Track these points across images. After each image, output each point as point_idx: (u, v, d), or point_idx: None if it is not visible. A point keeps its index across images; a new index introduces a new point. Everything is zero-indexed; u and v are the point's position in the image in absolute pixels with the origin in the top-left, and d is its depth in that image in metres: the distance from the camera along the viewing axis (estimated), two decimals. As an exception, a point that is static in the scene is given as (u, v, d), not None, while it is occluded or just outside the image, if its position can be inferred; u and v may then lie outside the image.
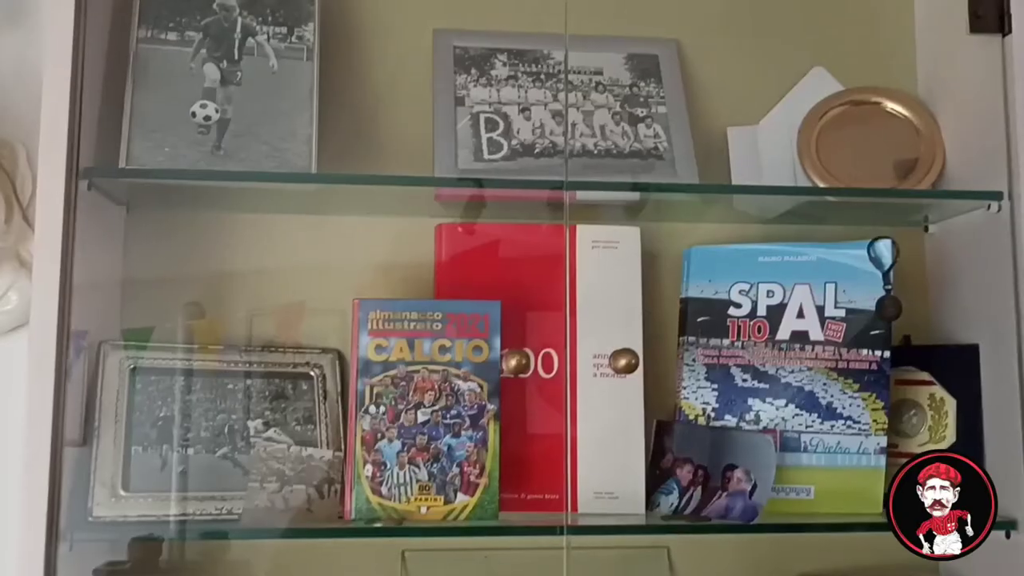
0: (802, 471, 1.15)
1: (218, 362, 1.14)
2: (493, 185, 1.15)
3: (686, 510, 1.13)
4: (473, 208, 1.22)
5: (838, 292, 1.16)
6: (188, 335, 1.17)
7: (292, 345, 1.19)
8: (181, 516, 1.06)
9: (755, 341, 1.18)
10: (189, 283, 1.21)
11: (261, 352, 1.16)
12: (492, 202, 1.21)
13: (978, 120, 1.18)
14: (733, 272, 1.20)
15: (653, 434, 1.20)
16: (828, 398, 1.15)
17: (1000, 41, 1.14)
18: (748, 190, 1.24)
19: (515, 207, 1.22)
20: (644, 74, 1.27)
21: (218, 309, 1.21)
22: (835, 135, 1.27)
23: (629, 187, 1.17)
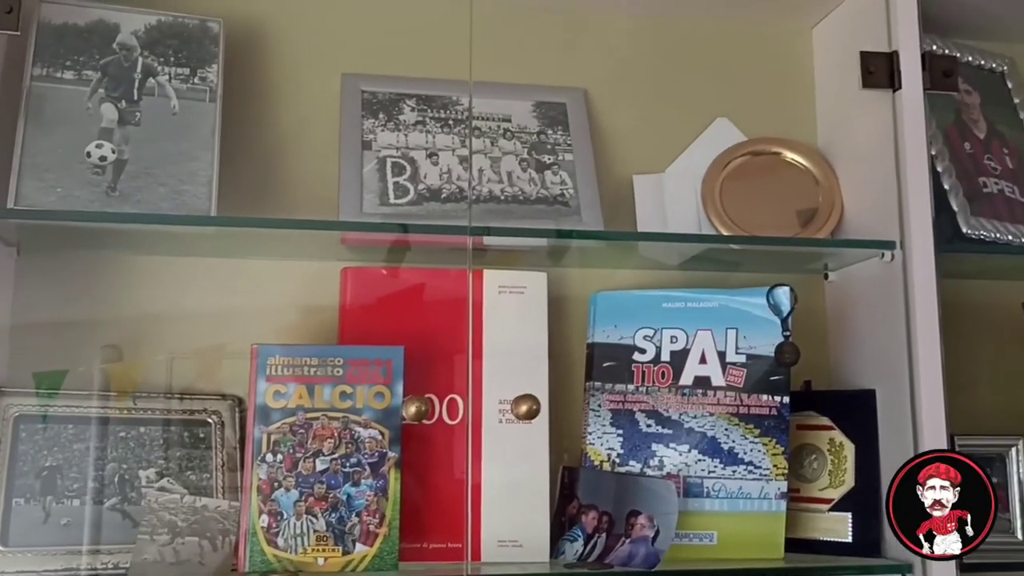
0: (705, 517, 1.15)
1: (110, 409, 1.10)
2: (398, 230, 1.14)
3: (590, 557, 1.12)
4: (380, 252, 1.21)
5: (739, 338, 1.18)
6: (103, 380, 1.13)
7: (194, 391, 1.16)
8: (64, 571, 1.01)
9: (659, 386, 1.19)
10: (84, 327, 1.17)
11: (156, 398, 1.13)
12: (399, 247, 1.20)
13: (872, 171, 1.22)
14: (638, 318, 1.21)
15: (560, 480, 1.19)
16: (730, 443, 1.16)
17: (891, 96, 1.19)
18: (653, 237, 1.25)
19: (423, 252, 1.21)
20: (552, 122, 1.28)
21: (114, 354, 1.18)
22: (738, 184, 1.30)
23: (535, 233, 1.17)
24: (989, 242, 1.22)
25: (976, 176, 1.27)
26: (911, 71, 1.17)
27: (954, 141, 1.28)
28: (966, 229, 1.20)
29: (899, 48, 1.18)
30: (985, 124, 1.33)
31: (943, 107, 1.28)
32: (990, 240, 1.22)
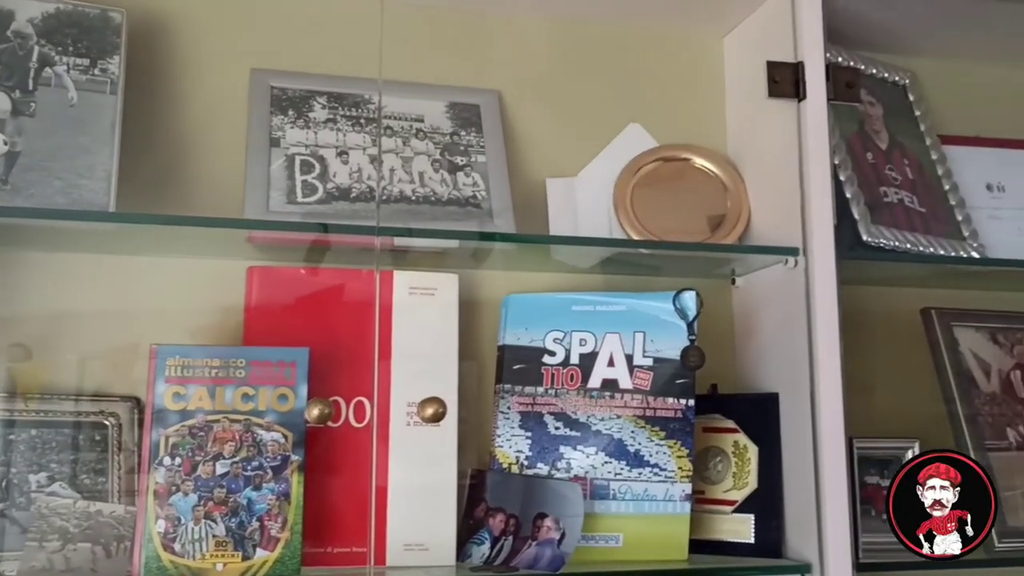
0: (611, 519, 1.16)
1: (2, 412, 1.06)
2: (306, 229, 1.12)
3: (497, 560, 1.12)
4: (288, 252, 1.19)
5: (646, 342, 1.19)
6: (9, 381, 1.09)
7: (91, 393, 1.12)
8: (-55, 580, 0.97)
9: (568, 389, 1.19)
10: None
11: (51, 400, 1.09)
12: (308, 246, 1.18)
13: (778, 179, 1.25)
14: (548, 320, 1.21)
15: (468, 483, 1.19)
16: (636, 446, 1.17)
17: (796, 106, 1.21)
18: (565, 241, 1.26)
19: (332, 252, 1.19)
20: (465, 123, 1.28)
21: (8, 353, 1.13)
22: (649, 189, 1.31)
23: (444, 234, 1.16)
24: (888, 250, 1.26)
25: (877, 185, 1.30)
26: (815, 82, 1.20)
27: (857, 151, 1.31)
28: (866, 237, 1.23)
29: (804, 59, 1.21)
30: (887, 135, 1.37)
31: (847, 118, 1.32)
32: (889, 248, 1.25)
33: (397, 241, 1.17)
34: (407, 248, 1.19)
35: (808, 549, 1.14)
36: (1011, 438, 1.30)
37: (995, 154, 1.45)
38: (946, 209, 1.36)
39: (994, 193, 1.43)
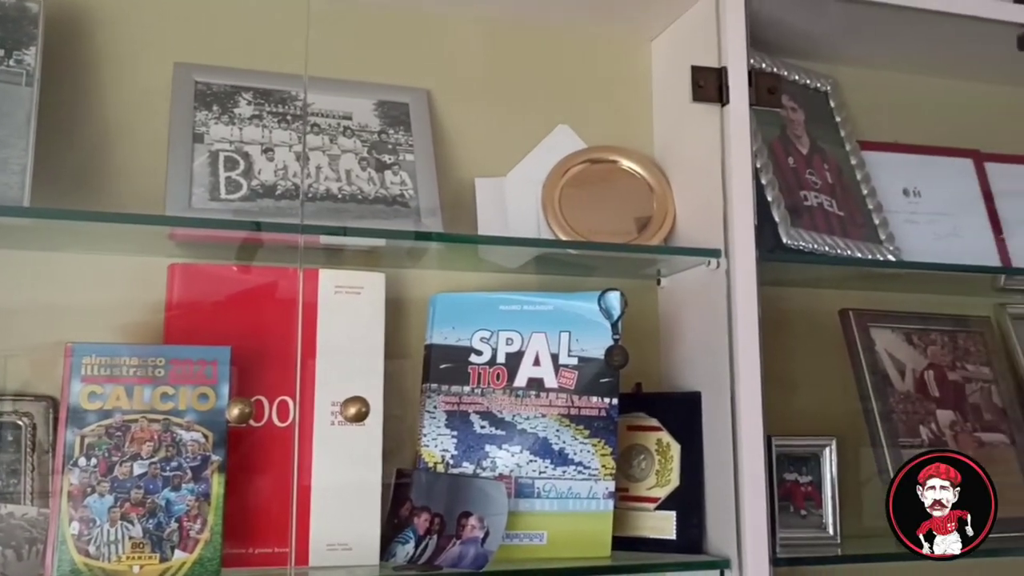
0: (535, 517, 1.17)
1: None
2: (226, 226, 1.11)
3: (421, 559, 1.12)
4: (212, 249, 1.17)
5: (572, 341, 1.20)
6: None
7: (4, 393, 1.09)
8: None
9: (494, 388, 1.20)
10: None
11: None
12: (231, 243, 1.16)
13: (702, 182, 1.27)
14: (475, 320, 1.22)
15: (394, 483, 1.19)
16: (561, 444, 1.18)
17: (719, 110, 1.24)
18: (494, 241, 1.26)
19: (257, 249, 1.18)
20: (394, 121, 1.27)
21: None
22: (577, 190, 1.33)
23: (371, 233, 1.16)
24: (807, 252, 1.29)
25: (798, 189, 1.33)
26: (738, 87, 1.22)
27: (778, 155, 1.34)
28: (786, 239, 1.26)
29: (728, 64, 1.23)
30: (808, 140, 1.40)
31: (769, 122, 1.35)
32: (808, 250, 1.29)
33: (323, 239, 1.16)
34: (334, 247, 1.18)
35: (727, 545, 1.17)
36: (924, 435, 1.34)
37: (912, 160, 1.50)
38: (864, 213, 1.39)
39: (911, 198, 1.47)
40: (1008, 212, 1.51)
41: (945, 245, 1.45)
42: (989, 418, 1.39)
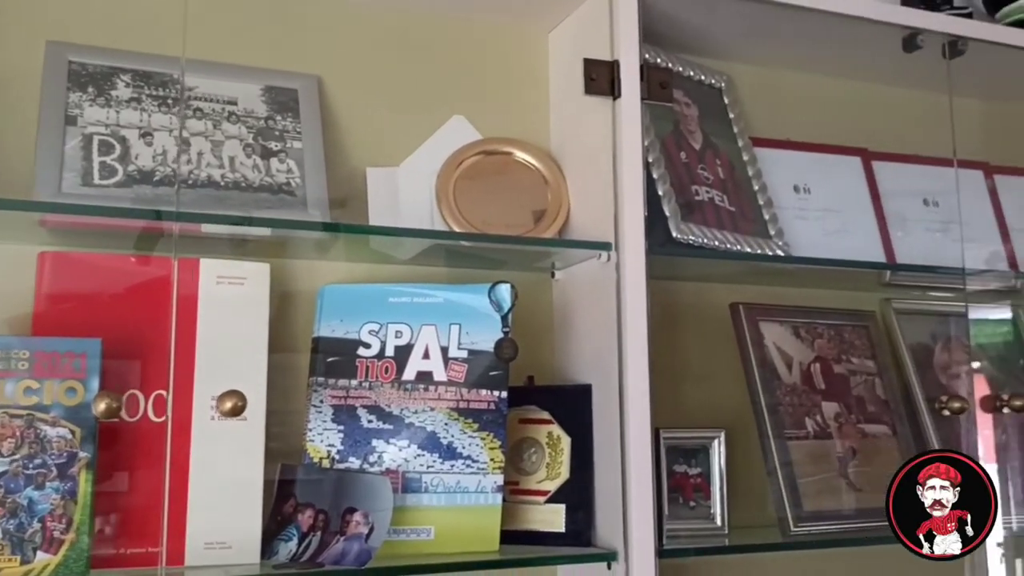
0: (423, 511, 1.15)
1: None
2: (100, 212, 1.06)
3: (304, 557, 1.09)
4: (86, 237, 1.12)
5: (462, 334, 1.19)
6: None
7: None
8: None
9: (382, 382, 1.18)
10: None
11: None
12: (109, 231, 1.11)
13: (594, 175, 1.27)
14: (364, 312, 1.20)
15: (277, 479, 1.16)
16: (449, 438, 1.16)
17: (612, 104, 1.24)
18: (384, 231, 1.24)
19: (133, 237, 1.14)
20: (282, 108, 1.24)
21: None
22: (471, 182, 1.31)
23: (252, 222, 1.12)
24: (698, 247, 1.30)
25: (689, 184, 1.34)
26: (630, 81, 1.22)
27: (671, 150, 1.35)
28: (676, 234, 1.27)
29: (620, 58, 1.23)
30: (701, 136, 1.41)
31: (662, 117, 1.35)
32: (699, 245, 1.30)
33: (205, 228, 1.12)
34: (216, 236, 1.14)
35: (615, 537, 1.17)
36: (809, 427, 1.37)
37: (803, 157, 1.53)
38: (755, 209, 1.41)
39: (801, 194, 1.50)
40: (894, 210, 1.55)
41: (833, 241, 1.49)
42: (872, 410, 1.43)
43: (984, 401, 1.46)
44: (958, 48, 1.46)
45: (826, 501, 1.33)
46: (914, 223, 1.57)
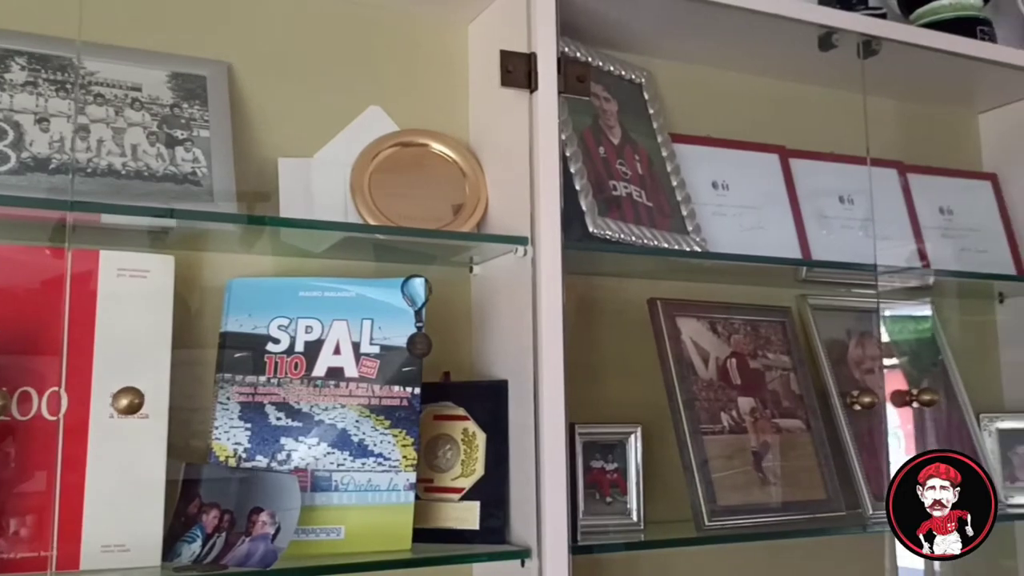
0: (333, 511, 1.13)
1: None
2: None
3: (207, 558, 1.06)
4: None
5: (374, 329, 1.16)
6: None
7: None
8: None
9: (291, 378, 1.15)
10: None
11: None
12: (53, 224, 1.06)
13: (512, 168, 1.25)
14: (274, 306, 1.16)
15: (181, 479, 1.12)
16: (360, 435, 1.14)
17: (528, 97, 1.23)
18: (295, 223, 1.20)
19: (28, 228, 1.09)
20: (189, 95, 1.20)
21: None
22: (387, 174, 1.29)
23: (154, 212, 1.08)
24: (615, 242, 1.29)
25: (607, 179, 1.34)
26: (547, 73, 1.21)
27: (589, 144, 1.34)
28: (593, 229, 1.26)
29: (537, 50, 1.22)
30: (620, 131, 1.41)
31: (581, 111, 1.35)
32: (615, 240, 1.29)
33: (104, 218, 1.07)
34: (117, 227, 1.10)
35: (529, 534, 1.16)
36: (724, 422, 1.38)
37: (722, 154, 1.53)
38: (672, 204, 1.42)
39: (719, 191, 1.51)
40: (810, 207, 1.57)
41: (751, 237, 1.50)
42: (787, 405, 1.45)
43: (894, 396, 1.49)
44: (872, 48, 1.48)
45: (740, 495, 1.34)
46: (830, 220, 1.59)
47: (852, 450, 1.45)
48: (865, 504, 1.43)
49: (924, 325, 1.66)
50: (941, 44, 1.53)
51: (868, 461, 1.46)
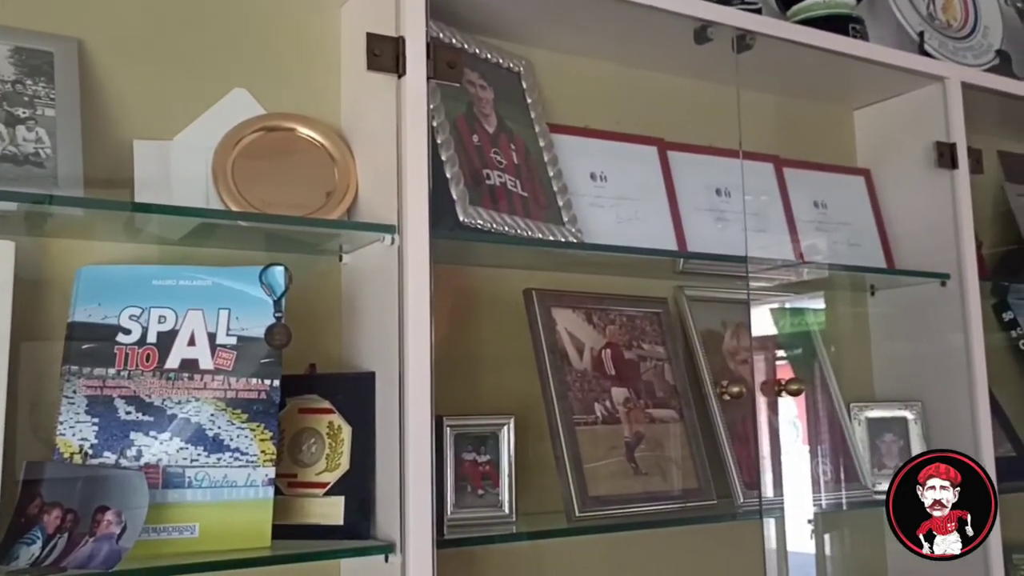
0: (186, 508, 1.08)
1: None
2: None
3: (47, 560, 1.00)
4: None
5: (231, 319, 1.12)
6: None
7: None
8: None
9: (143, 370, 1.10)
10: None
11: None
12: None
13: (381, 155, 1.22)
14: (125, 295, 1.11)
15: (22, 478, 1.06)
16: (216, 430, 1.10)
17: (396, 81, 1.20)
18: (147, 208, 1.14)
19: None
20: (33, 71, 1.13)
21: None
22: (252, 159, 1.24)
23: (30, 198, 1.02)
24: (486, 231, 1.28)
25: (481, 168, 1.32)
26: (415, 58, 1.19)
27: (463, 132, 1.32)
28: (463, 218, 1.24)
29: (405, 34, 1.19)
30: (496, 119, 1.39)
31: (456, 98, 1.33)
32: (487, 229, 1.27)
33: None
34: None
35: (394, 528, 1.14)
36: (598, 412, 1.38)
37: (601, 145, 1.53)
38: (549, 195, 1.41)
39: (597, 182, 1.51)
40: (687, 200, 1.58)
41: (628, 229, 1.50)
42: (661, 395, 1.45)
43: (764, 386, 1.51)
44: (747, 42, 1.50)
45: (612, 486, 1.34)
46: (707, 213, 1.61)
47: (724, 440, 1.47)
48: (736, 492, 1.45)
49: (797, 316, 1.69)
50: (814, 40, 1.57)
51: (740, 450, 1.48)
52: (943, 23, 1.88)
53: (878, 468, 1.66)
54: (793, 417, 1.61)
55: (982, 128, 1.86)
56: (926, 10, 1.86)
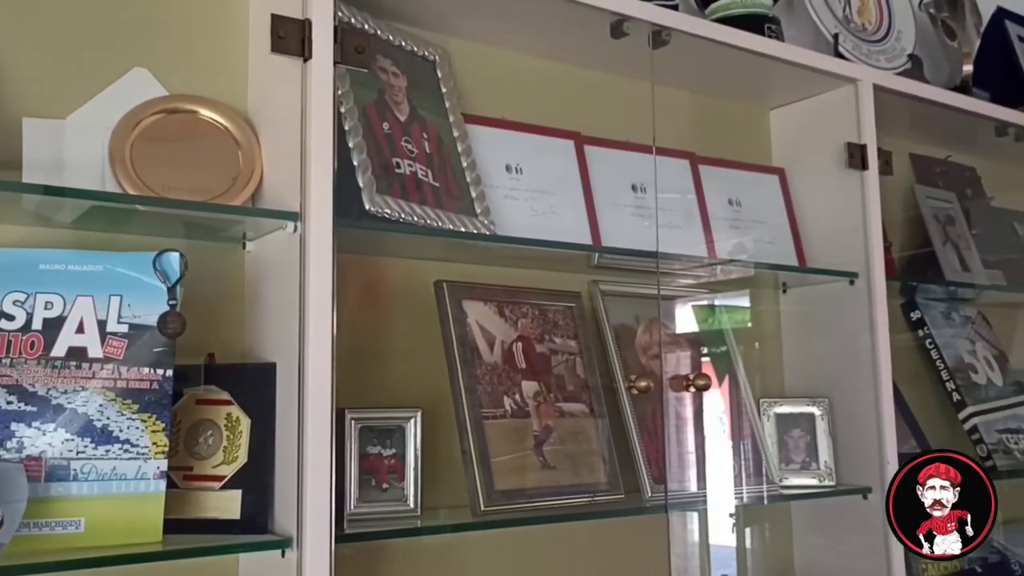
0: (71, 502, 1.04)
1: None
2: None
3: (-84, 559, 0.96)
4: None
5: (123, 306, 1.08)
6: None
7: None
8: None
9: (26, 358, 1.05)
10: None
11: None
12: None
13: (285, 140, 1.19)
14: (9, 280, 1.07)
15: None
16: (104, 421, 1.06)
17: (302, 65, 1.17)
18: (33, 189, 1.09)
19: None
20: (-87, 42, 1.08)
21: None
22: (154, 142, 1.20)
23: None
24: (394, 221, 1.25)
25: (390, 156, 1.30)
26: (322, 42, 1.16)
27: (372, 119, 1.30)
28: (369, 206, 1.22)
29: (312, 17, 1.16)
30: (408, 107, 1.37)
31: (366, 84, 1.30)
32: (395, 219, 1.25)
33: None
34: None
35: (292, 523, 1.11)
36: (507, 406, 1.37)
37: (517, 137, 1.52)
38: (461, 185, 1.39)
39: (513, 174, 1.49)
40: (603, 194, 1.58)
41: (543, 222, 1.49)
42: (572, 389, 1.45)
43: (673, 381, 1.52)
44: (663, 38, 1.50)
45: (519, 480, 1.33)
46: (623, 208, 1.61)
47: (634, 434, 1.47)
48: (644, 487, 1.45)
49: (709, 312, 1.71)
50: (730, 39, 1.57)
51: (649, 444, 1.48)
52: (858, 26, 1.92)
53: (785, 463, 1.68)
54: (704, 412, 1.62)
55: (895, 131, 1.90)
56: (842, 12, 1.89)
